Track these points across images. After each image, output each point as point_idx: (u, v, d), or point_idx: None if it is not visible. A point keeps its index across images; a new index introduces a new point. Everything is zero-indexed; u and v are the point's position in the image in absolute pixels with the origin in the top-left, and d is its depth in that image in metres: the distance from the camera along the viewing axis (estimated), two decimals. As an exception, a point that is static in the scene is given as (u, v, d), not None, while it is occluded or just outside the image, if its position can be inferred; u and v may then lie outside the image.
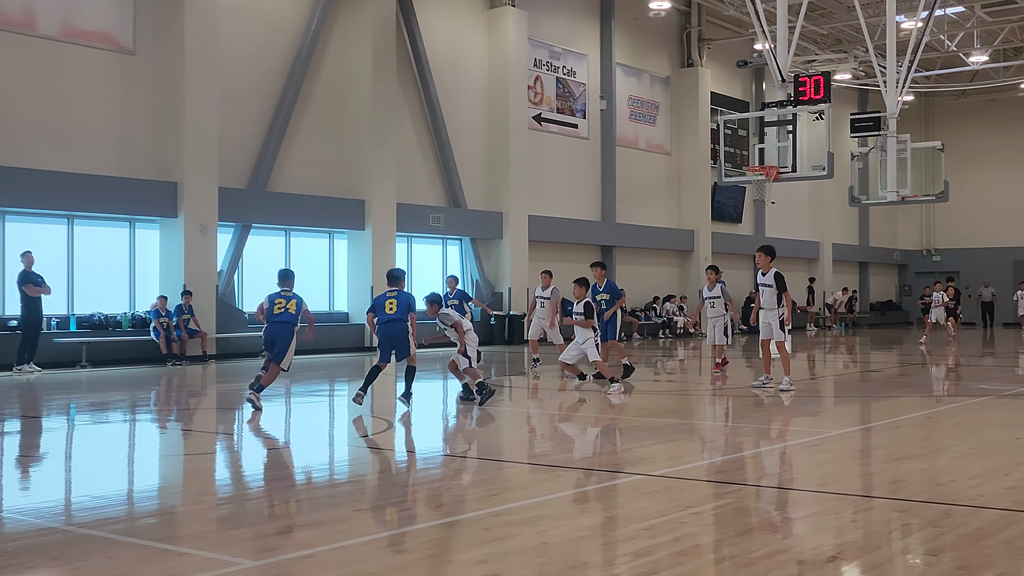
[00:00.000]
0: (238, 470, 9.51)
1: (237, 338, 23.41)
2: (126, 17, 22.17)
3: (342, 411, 14.41)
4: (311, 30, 25.53)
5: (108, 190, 21.50)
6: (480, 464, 9.31)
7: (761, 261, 15.58)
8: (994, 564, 5.68)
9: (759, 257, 15.66)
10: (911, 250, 51.42)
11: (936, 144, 27.69)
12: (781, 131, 21.75)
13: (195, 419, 13.50)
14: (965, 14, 35.73)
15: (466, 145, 29.70)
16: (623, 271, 34.54)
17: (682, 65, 37.80)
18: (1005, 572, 5.55)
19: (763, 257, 15.54)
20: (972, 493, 7.59)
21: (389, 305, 13.39)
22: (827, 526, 6.74)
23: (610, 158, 34.39)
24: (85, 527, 6.74)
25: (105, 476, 9.11)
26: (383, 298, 13.50)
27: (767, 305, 15.50)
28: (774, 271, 15.40)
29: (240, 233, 24.40)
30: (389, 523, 6.88)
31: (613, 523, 6.95)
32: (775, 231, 42.48)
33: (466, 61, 29.90)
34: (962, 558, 5.81)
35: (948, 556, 5.86)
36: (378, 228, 26.35)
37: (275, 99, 24.91)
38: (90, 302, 21.91)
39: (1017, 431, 11.29)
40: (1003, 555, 5.88)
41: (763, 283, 15.51)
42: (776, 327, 15.41)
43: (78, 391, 16.53)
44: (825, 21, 36.35)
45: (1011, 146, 48.07)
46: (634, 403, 14.78)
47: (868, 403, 14.80)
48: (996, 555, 5.87)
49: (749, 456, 9.93)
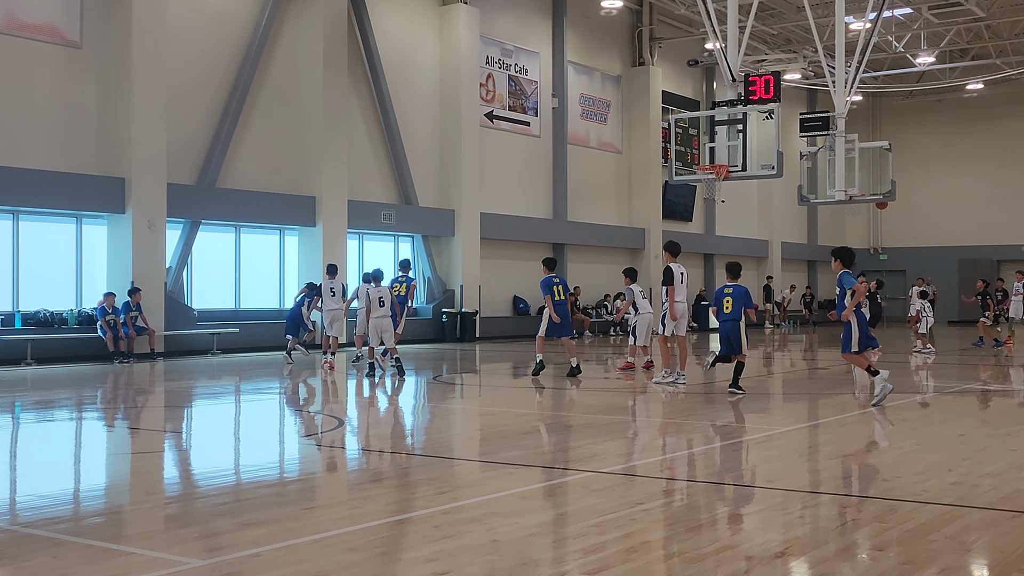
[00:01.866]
0: (186, 468, 9.42)
1: (185, 335, 23.20)
2: (72, 10, 21.88)
3: (292, 409, 14.33)
4: (261, 25, 25.35)
5: (54, 185, 21.22)
6: (430, 461, 9.29)
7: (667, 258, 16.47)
8: (938, 559, 5.76)
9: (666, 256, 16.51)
10: (858, 248, 51.95)
11: (883, 144, 27.96)
12: (731, 130, 21.89)
13: (142, 417, 13.35)
14: (912, 16, 36.19)
15: (418, 142, 29.64)
16: (574, 269, 34.65)
17: (633, 64, 37.97)
18: (949, 567, 5.63)
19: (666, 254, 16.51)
20: (917, 489, 7.69)
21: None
22: (775, 522, 6.80)
23: (562, 156, 34.48)
24: (29, 527, 6.65)
25: (50, 475, 8.99)
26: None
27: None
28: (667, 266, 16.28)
29: (189, 229, 24.18)
30: (338, 521, 6.85)
31: (563, 520, 6.96)
32: (725, 229, 42.82)
33: (418, 58, 29.83)
34: (907, 553, 5.88)
35: (893, 551, 5.94)
36: (329, 225, 26.22)
37: (225, 94, 24.71)
38: (36, 299, 21.61)
39: (961, 428, 11.45)
40: (947, 550, 5.96)
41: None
42: (659, 322, 16.48)
43: (23, 389, 16.30)
44: (775, 21, 36.68)
45: (956, 146, 48.79)
46: (584, 400, 14.82)
47: (815, 400, 14.95)
48: (940, 550, 5.95)
49: (698, 452, 9.99)
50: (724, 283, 15.07)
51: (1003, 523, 6.69)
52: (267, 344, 24.15)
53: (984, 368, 20.23)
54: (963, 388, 16.54)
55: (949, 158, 48.87)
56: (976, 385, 17.14)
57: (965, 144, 48.55)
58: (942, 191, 48.81)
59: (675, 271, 16.13)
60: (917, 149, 47.87)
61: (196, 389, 16.85)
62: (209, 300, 24.88)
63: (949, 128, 48.92)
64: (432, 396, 15.77)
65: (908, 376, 18.49)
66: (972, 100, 47.29)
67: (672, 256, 16.30)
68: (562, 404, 14.36)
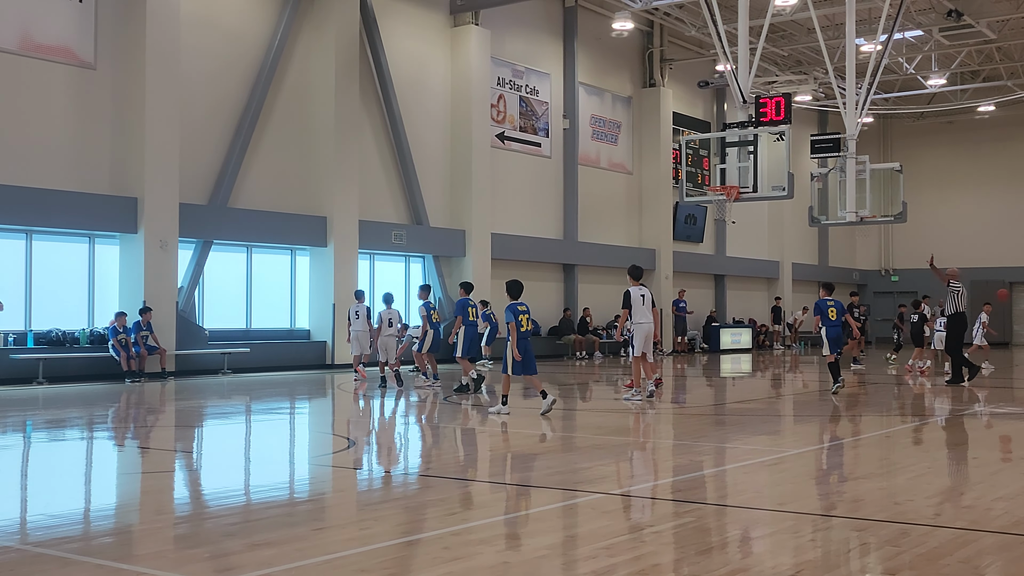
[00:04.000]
0: (196, 488, 9.43)
1: (196, 355, 23.24)
2: (87, 31, 22.02)
3: (303, 429, 14.32)
4: (274, 46, 25.48)
5: (67, 205, 21.31)
6: (440, 482, 9.28)
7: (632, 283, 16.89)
8: (950, 583, 5.73)
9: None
10: (870, 270, 51.90)
11: (895, 165, 27.97)
12: (742, 151, 21.91)
13: (152, 437, 13.37)
14: (923, 38, 36.21)
15: (429, 162, 29.71)
16: (585, 289, 34.66)
17: (644, 85, 38.04)
18: (961, 591, 5.60)
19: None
20: (930, 512, 7.65)
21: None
22: (786, 545, 6.77)
23: (572, 177, 34.51)
24: (40, 546, 6.65)
25: (61, 494, 9.00)
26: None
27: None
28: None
29: (201, 249, 24.25)
30: (348, 542, 6.84)
31: (573, 542, 6.94)
32: (735, 250, 42.79)
33: (429, 78, 29.93)
34: (919, 577, 5.85)
35: (906, 575, 5.90)
36: (340, 245, 26.27)
37: (237, 114, 24.82)
38: (48, 318, 21.68)
39: (974, 450, 11.40)
40: (960, 574, 5.92)
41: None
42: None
43: (34, 408, 16.33)
44: (786, 43, 36.74)
45: (967, 167, 48.74)
46: (593, 421, 14.79)
47: (826, 422, 14.89)
48: (953, 574, 5.91)
49: (708, 475, 9.96)
50: (822, 297, 18.81)
51: (1017, 547, 6.65)
52: (278, 364, 24.18)
53: (995, 392, 20.12)
54: (975, 411, 16.47)
55: (960, 179, 48.81)
56: (988, 408, 17.06)
57: (977, 165, 48.49)
58: (954, 212, 48.72)
59: (634, 294, 16.62)
60: (928, 170, 47.83)
61: (207, 409, 16.86)
62: (220, 320, 24.94)
63: (960, 149, 48.88)
64: (442, 416, 15.76)
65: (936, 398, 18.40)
66: (983, 122, 47.24)
67: (634, 279, 16.85)
68: (572, 425, 14.32)
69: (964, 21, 32.58)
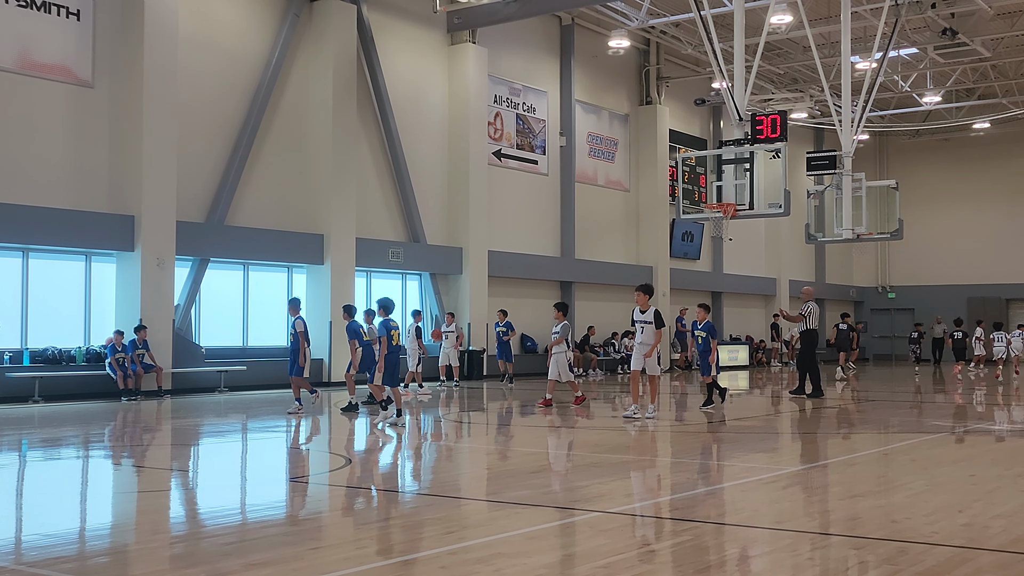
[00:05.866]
0: (192, 507, 9.40)
1: (193, 373, 23.21)
2: (84, 50, 22.06)
3: (299, 447, 14.29)
4: (272, 64, 25.53)
5: (64, 223, 21.31)
6: (437, 501, 9.25)
7: (640, 299, 16.82)
8: (949, 602, 5.72)
9: (638, 296, 16.89)
10: (866, 287, 51.94)
11: (891, 182, 28.07)
12: (739, 169, 21.97)
13: (148, 455, 13.33)
14: (918, 55, 36.36)
15: (426, 180, 29.74)
16: (582, 307, 34.65)
17: (641, 103, 38.13)
18: (959, 610, 5.58)
19: (642, 296, 16.85)
20: (927, 530, 7.64)
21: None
22: (784, 563, 6.75)
23: (569, 194, 34.56)
24: (35, 566, 6.63)
25: (57, 514, 8.97)
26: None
27: (646, 340, 16.69)
28: (653, 309, 16.81)
29: (198, 267, 24.25)
30: (344, 561, 6.82)
31: (571, 561, 6.92)
32: (732, 267, 42.83)
33: (426, 96, 29.99)
34: (917, 596, 5.84)
35: (903, 594, 5.89)
36: (337, 262, 26.27)
37: (234, 133, 24.85)
38: (44, 336, 21.65)
39: (971, 468, 11.39)
40: (957, 592, 5.91)
41: (641, 320, 16.74)
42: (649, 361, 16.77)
43: (30, 427, 16.29)
44: (781, 61, 36.85)
45: (963, 185, 48.85)
46: (590, 439, 14.77)
47: (824, 440, 14.87)
48: (950, 592, 5.90)
49: (706, 493, 9.94)
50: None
51: (1015, 565, 6.64)
52: (274, 382, 24.13)
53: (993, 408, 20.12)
54: (971, 428, 16.46)
55: (956, 196, 48.91)
56: (985, 425, 17.05)
57: (972, 183, 48.60)
58: (950, 230, 48.82)
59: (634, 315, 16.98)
60: (924, 188, 47.93)
61: (203, 427, 16.83)
62: (217, 338, 24.91)
63: (956, 167, 49.00)
64: (438, 435, 15.73)
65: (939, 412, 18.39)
66: (979, 139, 47.40)
67: (650, 298, 17.03)
68: (569, 443, 14.29)
69: (959, 39, 32.72)
